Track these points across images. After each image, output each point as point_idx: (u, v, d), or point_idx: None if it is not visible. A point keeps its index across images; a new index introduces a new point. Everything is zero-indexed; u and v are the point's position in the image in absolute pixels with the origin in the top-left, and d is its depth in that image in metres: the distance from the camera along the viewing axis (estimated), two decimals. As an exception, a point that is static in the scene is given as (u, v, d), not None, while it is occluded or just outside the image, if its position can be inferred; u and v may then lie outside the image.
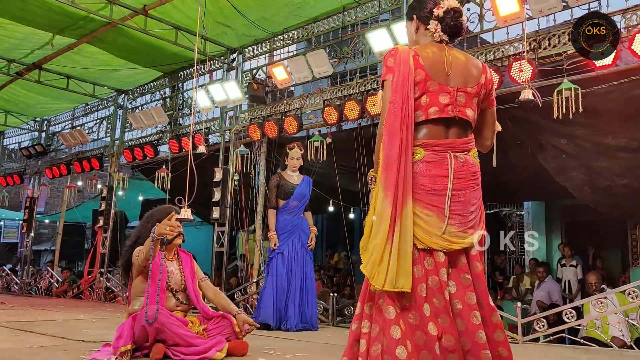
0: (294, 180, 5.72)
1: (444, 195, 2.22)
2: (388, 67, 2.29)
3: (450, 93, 2.26)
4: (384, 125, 2.22)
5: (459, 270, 2.21)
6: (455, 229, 2.21)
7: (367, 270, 2.16)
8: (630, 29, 5.01)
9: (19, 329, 4.68)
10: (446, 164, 2.24)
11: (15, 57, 9.30)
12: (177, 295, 3.47)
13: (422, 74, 2.25)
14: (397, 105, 2.20)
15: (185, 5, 7.30)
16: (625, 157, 6.35)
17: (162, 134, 9.83)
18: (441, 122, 2.27)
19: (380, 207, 2.17)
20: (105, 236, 10.17)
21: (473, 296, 2.17)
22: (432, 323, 2.10)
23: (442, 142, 2.27)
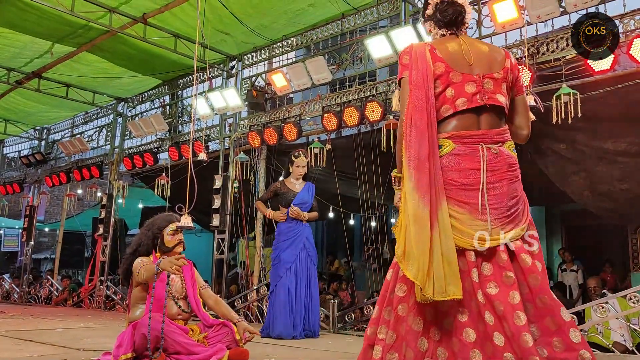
0: (295, 188, 5.66)
1: (476, 190, 2.09)
2: (404, 65, 2.21)
3: (476, 81, 2.17)
4: (411, 123, 2.10)
5: (500, 269, 2.04)
6: (491, 224, 2.07)
7: (419, 280, 1.97)
8: (628, 34, 5.03)
9: (19, 338, 4.67)
10: (478, 156, 2.12)
11: (14, 65, 9.32)
12: (179, 302, 3.46)
13: (441, 66, 2.17)
14: (420, 101, 2.11)
15: (184, 14, 7.32)
16: (625, 162, 6.35)
17: (161, 142, 9.84)
18: (471, 113, 2.17)
19: (416, 210, 2.02)
20: (105, 244, 10.15)
21: (516, 295, 1.98)
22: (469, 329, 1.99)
23: (473, 134, 2.15)
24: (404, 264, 2.02)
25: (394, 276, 2.16)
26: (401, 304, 2.07)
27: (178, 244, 3.54)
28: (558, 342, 1.99)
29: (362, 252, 11.55)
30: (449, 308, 2.01)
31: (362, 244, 9.92)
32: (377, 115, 6.50)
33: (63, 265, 13.52)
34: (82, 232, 15.79)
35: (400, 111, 2.20)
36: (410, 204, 2.04)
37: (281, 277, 5.47)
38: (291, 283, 5.45)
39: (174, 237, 3.53)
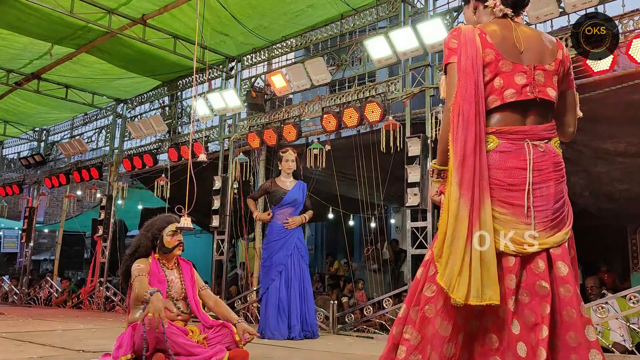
0: (286, 186, 5.64)
1: (522, 191, 1.97)
2: (451, 49, 2.05)
3: (526, 72, 2.02)
4: (458, 114, 1.96)
5: (534, 277, 1.92)
6: (535, 228, 1.96)
7: (444, 282, 1.88)
8: (627, 35, 5.03)
9: (18, 340, 4.66)
10: (524, 154, 1.99)
11: (14, 67, 9.31)
12: (178, 304, 3.46)
13: (491, 53, 2.01)
14: (469, 90, 1.97)
15: (183, 15, 7.32)
16: (624, 162, 6.36)
17: (161, 143, 9.84)
18: (518, 107, 2.02)
19: (455, 207, 1.91)
20: (104, 245, 10.15)
21: (547, 308, 1.87)
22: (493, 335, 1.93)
23: (519, 130, 2.01)
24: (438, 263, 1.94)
25: (424, 275, 2.07)
26: (428, 304, 1.97)
27: (177, 245, 3.54)
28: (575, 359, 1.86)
29: (362, 253, 11.56)
30: (478, 312, 1.92)
31: (362, 244, 9.92)
32: (377, 116, 6.50)
33: (63, 266, 13.51)
34: (81, 234, 15.78)
35: (447, 99, 2.07)
36: (452, 201, 1.93)
37: (273, 280, 5.46)
38: (283, 285, 5.44)
39: (173, 237, 3.53)
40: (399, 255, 10.82)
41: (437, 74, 6.30)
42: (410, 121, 6.34)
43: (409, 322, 2.03)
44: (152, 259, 3.48)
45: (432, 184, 2.18)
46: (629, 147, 6.14)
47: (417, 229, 6.08)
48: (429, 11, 6.53)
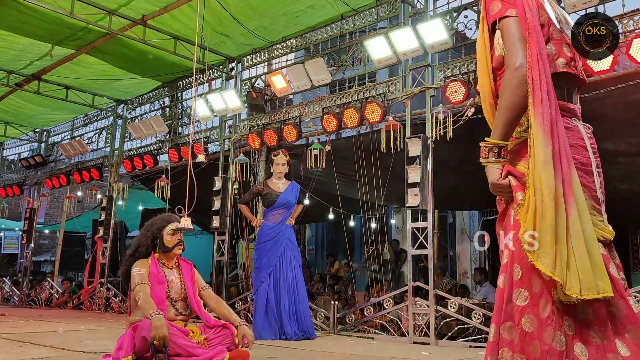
0: (278, 188, 5.68)
1: (591, 173, 1.76)
2: (506, 1, 1.78)
3: (570, 45, 1.85)
4: (539, 75, 1.69)
5: (618, 268, 1.73)
6: (605, 214, 1.77)
7: (557, 273, 1.56)
8: (627, 34, 5.03)
9: (19, 341, 4.66)
10: (580, 132, 1.80)
11: (14, 68, 9.32)
12: (177, 305, 3.46)
13: (545, 15, 1.81)
14: (543, 50, 1.71)
15: (183, 15, 7.33)
16: (625, 162, 6.35)
17: (161, 144, 9.84)
18: (564, 80, 1.83)
19: (551, 185, 1.61)
20: (105, 246, 10.15)
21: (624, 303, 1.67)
22: (619, 341, 1.60)
23: (567, 106, 1.81)
24: (534, 254, 1.61)
25: (508, 280, 1.72)
26: (525, 315, 1.62)
27: (177, 244, 3.54)
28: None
29: (362, 253, 11.55)
30: (594, 313, 1.61)
31: (362, 245, 9.92)
32: (377, 117, 6.50)
33: (63, 267, 13.52)
34: (82, 234, 15.79)
35: (511, 56, 1.75)
36: (545, 176, 1.62)
37: (262, 282, 5.49)
38: (272, 287, 5.44)
39: (173, 237, 3.53)
40: (399, 255, 10.82)
41: (437, 74, 6.30)
42: (410, 121, 6.34)
43: (503, 344, 1.66)
44: (152, 259, 3.47)
45: (488, 167, 1.80)
46: (629, 146, 6.14)
47: (417, 229, 6.07)
48: (429, 11, 6.52)
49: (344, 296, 10.08)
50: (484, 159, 1.79)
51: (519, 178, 1.76)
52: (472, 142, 7.16)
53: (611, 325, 1.61)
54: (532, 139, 1.67)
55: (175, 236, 3.54)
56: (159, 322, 3.00)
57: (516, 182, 1.76)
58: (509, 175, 1.78)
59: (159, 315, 3.05)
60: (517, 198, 1.74)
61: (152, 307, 3.13)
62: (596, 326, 1.60)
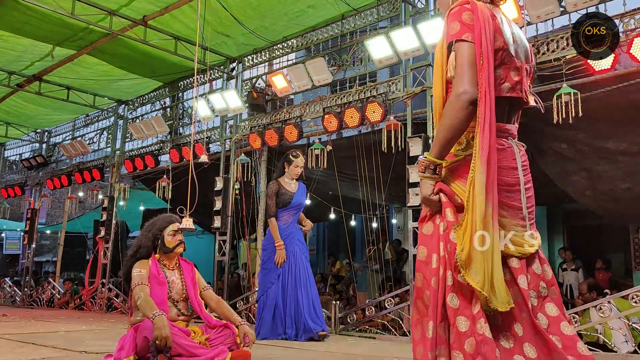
0: (291, 188, 5.59)
1: (517, 191, 1.88)
2: (466, 25, 1.82)
3: (519, 68, 1.92)
4: (485, 102, 1.78)
5: (537, 278, 1.86)
6: (530, 229, 1.90)
7: (486, 289, 1.72)
8: (629, 33, 5.03)
9: (21, 341, 4.67)
10: (513, 152, 1.89)
11: (15, 69, 9.33)
12: (178, 305, 3.46)
13: (500, 40, 1.84)
14: (490, 76, 1.78)
15: (184, 16, 7.33)
16: (626, 161, 6.35)
17: (162, 144, 9.84)
18: (506, 103, 1.90)
19: (483, 208, 1.75)
20: (106, 246, 10.16)
21: (553, 307, 1.84)
22: (527, 344, 1.78)
23: (504, 127, 1.89)
24: (467, 271, 1.75)
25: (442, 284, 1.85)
26: (459, 317, 1.79)
27: (178, 245, 3.54)
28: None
29: (364, 253, 11.55)
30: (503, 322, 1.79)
31: (364, 245, 9.92)
32: (378, 116, 6.50)
33: (65, 268, 13.53)
34: (83, 235, 15.81)
35: (458, 80, 1.82)
36: (478, 201, 1.75)
37: (272, 283, 5.41)
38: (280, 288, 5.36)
39: (174, 237, 3.53)
40: (401, 255, 10.82)
41: (438, 74, 6.28)
42: (411, 121, 6.34)
43: (440, 342, 1.81)
44: (152, 260, 3.47)
45: (423, 182, 1.93)
46: (630, 146, 6.13)
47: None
48: (430, 11, 6.52)
49: (346, 296, 10.09)
50: (421, 173, 1.92)
51: (449, 196, 1.90)
52: (473, 142, 7.15)
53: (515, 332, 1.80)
54: (474, 169, 1.79)
55: (176, 237, 3.54)
56: (161, 322, 3.00)
57: (446, 199, 1.90)
58: (440, 192, 1.91)
59: (161, 315, 3.05)
60: (446, 214, 1.88)
61: (153, 307, 3.13)
62: (505, 331, 1.79)
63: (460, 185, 1.88)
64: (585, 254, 9.54)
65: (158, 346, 2.96)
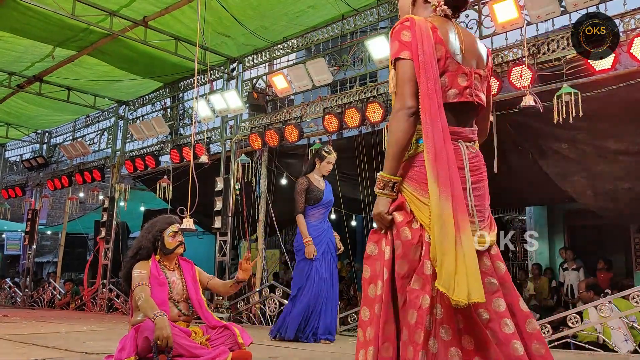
0: (321, 186, 5.39)
1: (464, 189, 1.96)
2: (404, 43, 1.96)
3: (467, 74, 2.02)
4: (424, 111, 1.90)
5: (483, 275, 1.89)
6: (478, 226, 1.96)
7: (443, 284, 1.79)
8: (629, 33, 5.03)
9: (21, 342, 4.67)
10: (460, 153, 1.99)
11: (16, 69, 9.34)
12: (179, 305, 3.46)
13: (442, 49, 1.97)
14: (430, 86, 1.90)
15: (184, 16, 7.33)
16: (626, 161, 6.34)
17: (163, 144, 9.85)
18: (456, 107, 2.02)
19: (439, 206, 1.84)
20: (107, 247, 10.16)
21: (502, 302, 1.89)
22: (467, 337, 1.85)
23: (455, 130, 2.00)
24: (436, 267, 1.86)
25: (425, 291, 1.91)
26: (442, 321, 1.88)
27: (179, 246, 3.53)
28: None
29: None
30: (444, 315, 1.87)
31: (364, 245, 9.91)
32: (378, 116, 6.50)
33: (65, 268, 13.54)
34: (84, 235, 15.82)
35: (398, 96, 1.98)
36: (434, 200, 1.86)
37: (307, 281, 5.21)
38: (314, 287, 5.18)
39: (174, 238, 3.53)
40: (401, 255, 10.80)
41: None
42: (411, 121, 6.33)
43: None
44: (153, 261, 3.47)
45: (379, 198, 2.02)
46: (631, 145, 6.13)
47: (419, 229, 6.05)
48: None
49: (346, 296, 10.09)
50: (379, 190, 2.02)
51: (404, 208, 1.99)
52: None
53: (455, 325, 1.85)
54: (427, 168, 1.91)
55: (177, 238, 3.54)
56: (162, 322, 3.01)
57: (402, 217, 1.99)
58: (395, 212, 2.00)
59: (162, 316, 3.06)
60: (402, 233, 1.97)
61: (154, 308, 3.13)
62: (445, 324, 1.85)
63: (407, 185, 2.01)
64: (585, 254, 9.54)
65: (159, 346, 2.96)
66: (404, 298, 1.90)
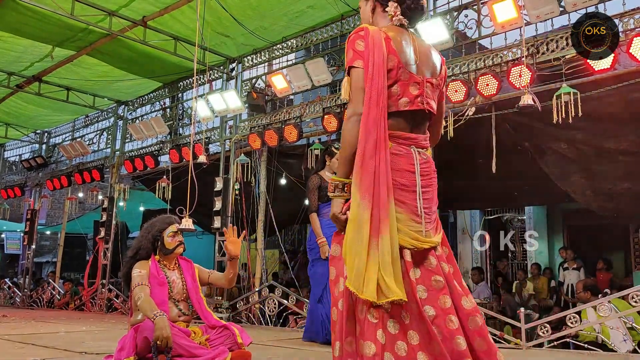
0: None
1: (413, 192, 2.07)
2: (357, 52, 2.05)
3: (419, 83, 2.11)
4: (363, 119, 2.00)
5: (429, 273, 2.02)
6: (425, 227, 2.07)
7: (352, 284, 1.91)
8: (628, 33, 5.03)
9: (21, 342, 4.67)
10: (412, 158, 2.09)
11: (15, 69, 9.33)
12: (179, 305, 3.46)
13: (394, 60, 2.06)
14: (373, 97, 2.00)
15: (183, 16, 7.33)
16: (626, 161, 6.35)
17: (162, 144, 9.84)
18: (408, 115, 2.11)
19: (357, 210, 1.95)
20: (106, 247, 10.16)
21: (448, 299, 1.99)
22: (412, 332, 1.94)
23: (408, 136, 2.11)
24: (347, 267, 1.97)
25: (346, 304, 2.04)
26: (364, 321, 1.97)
27: (178, 245, 3.53)
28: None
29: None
30: (392, 310, 1.95)
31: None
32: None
33: (65, 268, 13.53)
34: (83, 235, 15.81)
35: (350, 103, 2.07)
36: (354, 205, 1.98)
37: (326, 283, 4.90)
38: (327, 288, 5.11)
39: (174, 238, 3.53)
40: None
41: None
42: (411, 121, 6.32)
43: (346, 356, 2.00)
44: (152, 261, 3.47)
45: (333, 200, 2.10)
46: (630, 145, 6.13)
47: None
48: (430, 11, 6.52)
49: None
50: (332, 193, 2.10)
51: None
52: (473, 142, 7.19)
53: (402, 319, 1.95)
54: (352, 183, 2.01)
55: (176, 238, 3.54)
56: (162, 322, 3.01)
57: None
58: (348, 212, 2.05)
59: (162, 316, 3.06)
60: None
61: (153, 307, 3.13)
62: (393, 319, 1.94)
63: None
64: (585, 253, 9.55)
65: (159, 346, 2.96)
66: (355, 295, 1.97)
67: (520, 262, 11.30)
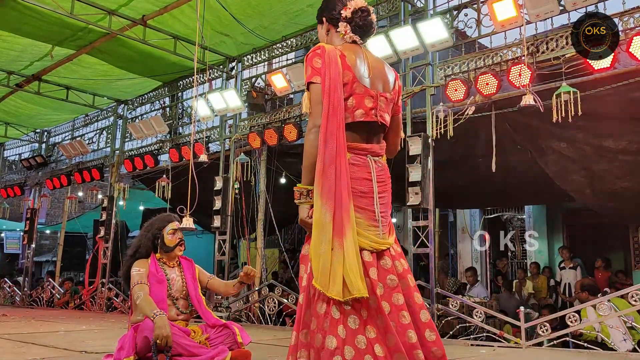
0: None
1: (371, 198, 2.22)
2: (315, 69, 2.21)
3: (373, 97, 2.26)
4: (322, 130, 2.14)
5: (385, 272, 2.18)
6: (382, 230, 2.22)
7: (319, 282, 2.05)
8: (628, 32, 5.03)
9: (20, 341, 4.67)
10: (368, 167, 2.25)
11: (14, 68, 9.32)
12: (178, 303, 3.45)
13: (349, 75, 2.21)
14: (331, 109, 2.15)
15: (183, 15, 7.32)
16: (625, 160, 6.35)
17: (162, 144, 9.84)
18: (363, 126, 2.26)
19: (318, 215, 2.09)
20: (106, 246, 10.15)
21: (400, 297, 2.15)
22: (369, 326, 2.07)
23: (363, 146, 2.26)
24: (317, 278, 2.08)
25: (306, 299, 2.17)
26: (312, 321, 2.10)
27: (178, 243, 3.53)
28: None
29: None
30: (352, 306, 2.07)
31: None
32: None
33: (65, 268, 13.53)
34: (83, 235, 15.80)
35: (310, 116, 2.21)
36: (316, 210, 2.10)
37: None
38: None
39: (174, 236, 3.52)
40: (400, 254, 10.80)
41: (437, 73, 6.30)
42: (411, 120, 6.34)
43: (300, 346, 2.12)
44: (152, 259, 3.47)
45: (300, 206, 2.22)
46: (630, 144, 6.13)
47: (418, 228, 6.07)
48: (429, 10, 6.52)
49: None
50: (298, 200, 2.23)
51: None
52: (472, 141, 7.19)
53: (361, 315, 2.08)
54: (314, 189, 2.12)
55: (176, 235, 3.54)
56: (162, 322, 3.01)
57: None
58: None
59: (162, 315, 3.06)
60: None
61: (153, 306, 3.13)
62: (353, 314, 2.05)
63: None
64: (585, 252, 9.54)
65: (158, 346, 2.96)
66: (313, 291, 2.10)
67: (520, 262, 11.30)
